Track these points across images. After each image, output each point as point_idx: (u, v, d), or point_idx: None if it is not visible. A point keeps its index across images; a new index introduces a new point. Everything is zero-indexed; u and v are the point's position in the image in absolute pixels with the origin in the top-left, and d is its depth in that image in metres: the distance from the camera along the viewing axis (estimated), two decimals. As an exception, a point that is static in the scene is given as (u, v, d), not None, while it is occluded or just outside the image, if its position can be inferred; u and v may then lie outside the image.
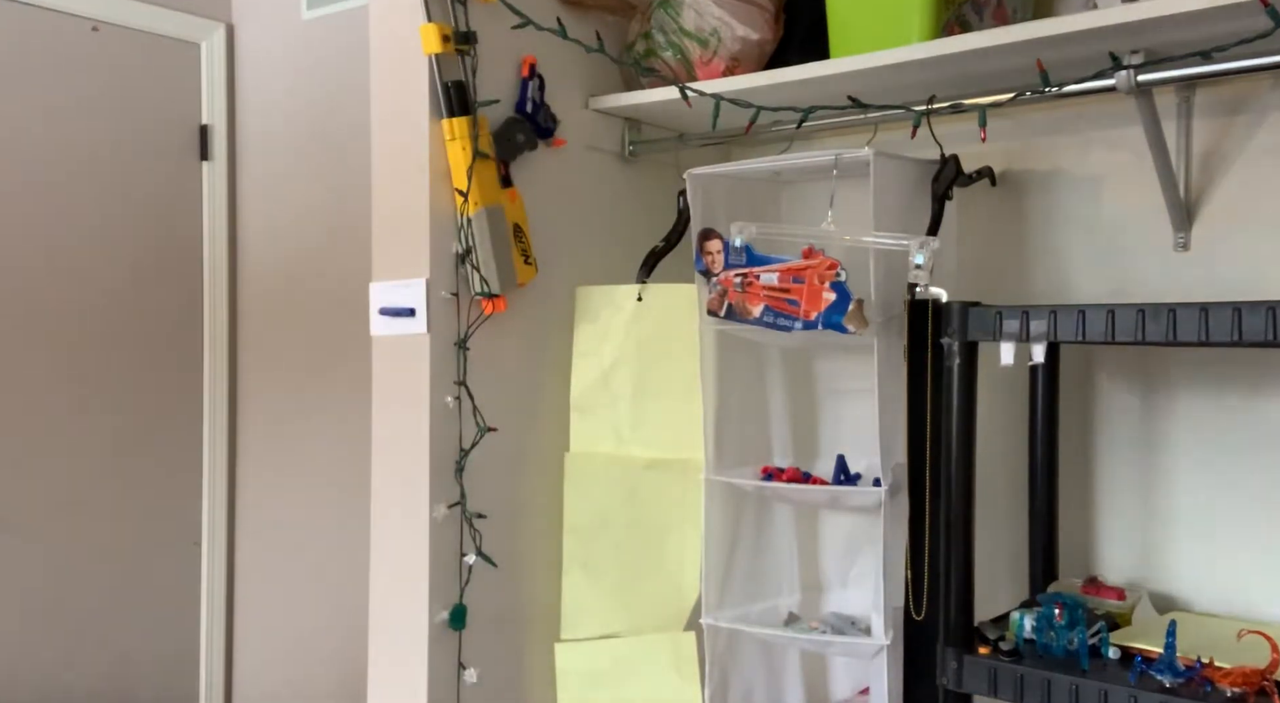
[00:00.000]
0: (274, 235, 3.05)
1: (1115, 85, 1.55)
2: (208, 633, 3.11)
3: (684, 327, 1.92)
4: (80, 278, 2.87)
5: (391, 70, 1.86)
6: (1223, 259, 1.73)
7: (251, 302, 3.11)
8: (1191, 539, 1.76)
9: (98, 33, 2.90)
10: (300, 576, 2.97)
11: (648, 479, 1.96)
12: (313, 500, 2.95)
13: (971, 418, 1.56)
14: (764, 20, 1.95)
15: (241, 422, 3.15)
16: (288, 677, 3.01)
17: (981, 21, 1.76)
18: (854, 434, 2.10)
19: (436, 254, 1.81)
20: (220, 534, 3.12)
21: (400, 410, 1.85)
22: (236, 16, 3.13)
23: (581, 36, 1.95)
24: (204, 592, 3.12)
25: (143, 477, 2.99)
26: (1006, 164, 1.95)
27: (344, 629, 2.85)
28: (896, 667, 1.75)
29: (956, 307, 1.55)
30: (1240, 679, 1.35)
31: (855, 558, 2.10)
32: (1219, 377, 1.74)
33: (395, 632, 1.85)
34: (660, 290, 1.97)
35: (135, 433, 2.98)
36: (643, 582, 1.97)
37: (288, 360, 3.02)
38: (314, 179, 2.94)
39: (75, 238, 2.85)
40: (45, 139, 2.80)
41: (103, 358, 2.91)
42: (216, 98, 3.10)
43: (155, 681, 3.02)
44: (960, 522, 1.55)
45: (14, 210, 2.74)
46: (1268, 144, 1.70)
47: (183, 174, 3.07)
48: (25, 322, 2.76)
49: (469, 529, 1.86)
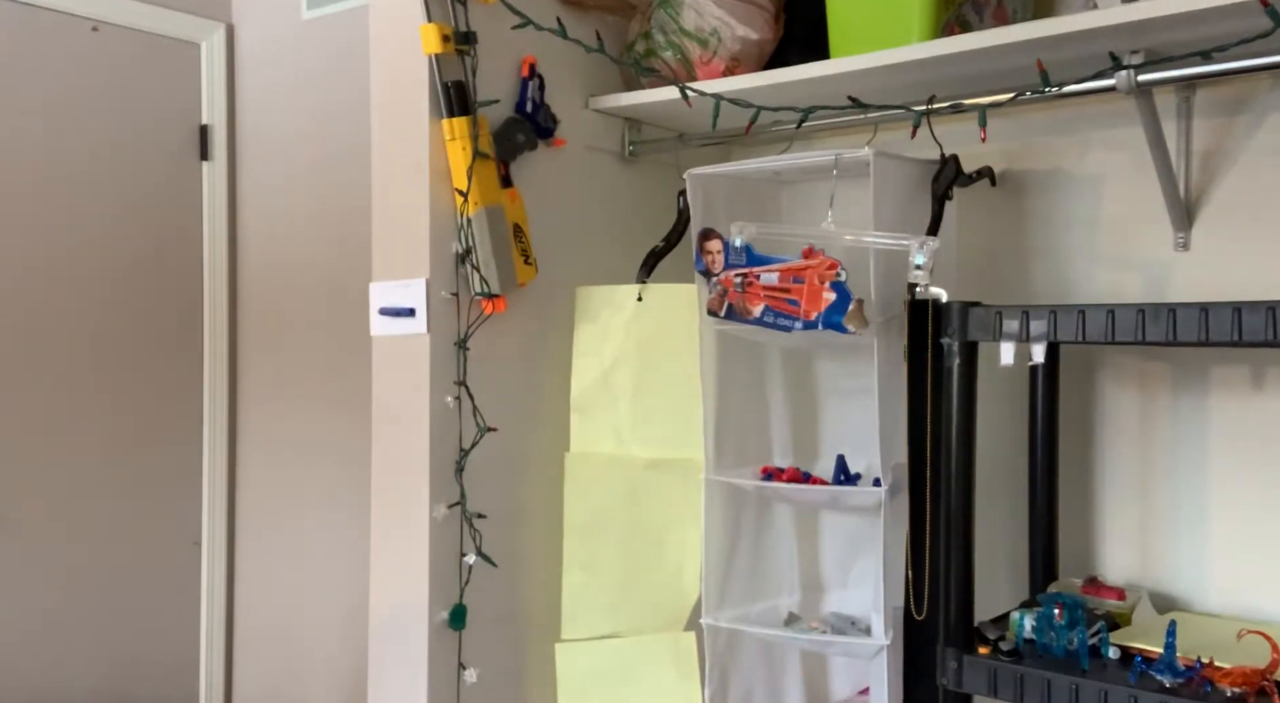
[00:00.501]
0: (274, 235, 3.05)
1: (1115, 85, 1.55)
2: (208, 633, 3.11)
3: (684, 327, 1.92)
4: (80, 278, 2.87)
5: (391, 70, 1.86)
6: (1223, 259, 1.73)
7: (251, 302, 3.11)
8: (1191, 539, 1.76)
9: (98, 33, 2.90)
10: (300, 576, 2.97)
11: (648, 479, 1.96)
12: (313, 501, 2.95)
13: (971, 418, 1.56)
14: (764, 20, 1.95)
15: (242, 422, 3.15)
16: (288, 677, 3.01)
17: (981, 21, 1.76)
18: (854, 434, 2.10)
19: (436, 254, 1.81)
20: (220, 534, 3.12)
21: (400, 410, 1.85)
22: (236, 16, 3.13)
23: (581, 36, 1.95)
24: (204, 592, 3.11)
25: (143, 477, 2.99)
26: (1006, 164, 1.95)
27: (344, 630, 2.85)
28: (896, 667, 1.75)
29: (956, 307, 1.55)
30: (1240, 679, 1.35)
31: (855, 558, 2.10)
32: (1219, 377, 1.74)
33: (395, 632, 1.85)
34: (660, 290, 1.97)
35: (135, 433, 2.98)
36: (643, 582, 1.97)
37: (288, 360, 3.02)
38: (314, 179, 2.94)
39: (75, 238, 2.85)
40: (45, 139, 2.80)
41: (102, 358, 2.91)
42: (216, 98, 3.10)
43: (155, 681, 3.02)
44: (960, 522, 1.55)
45: (14, 210, 2.74)
46: (1268, 144, 1.70)
47: (183, 174, 3.07)
48: (25, 321, 2.76)
49: (469, 529, 1.86)
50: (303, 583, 2.97)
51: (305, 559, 2.96)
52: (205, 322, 3.11)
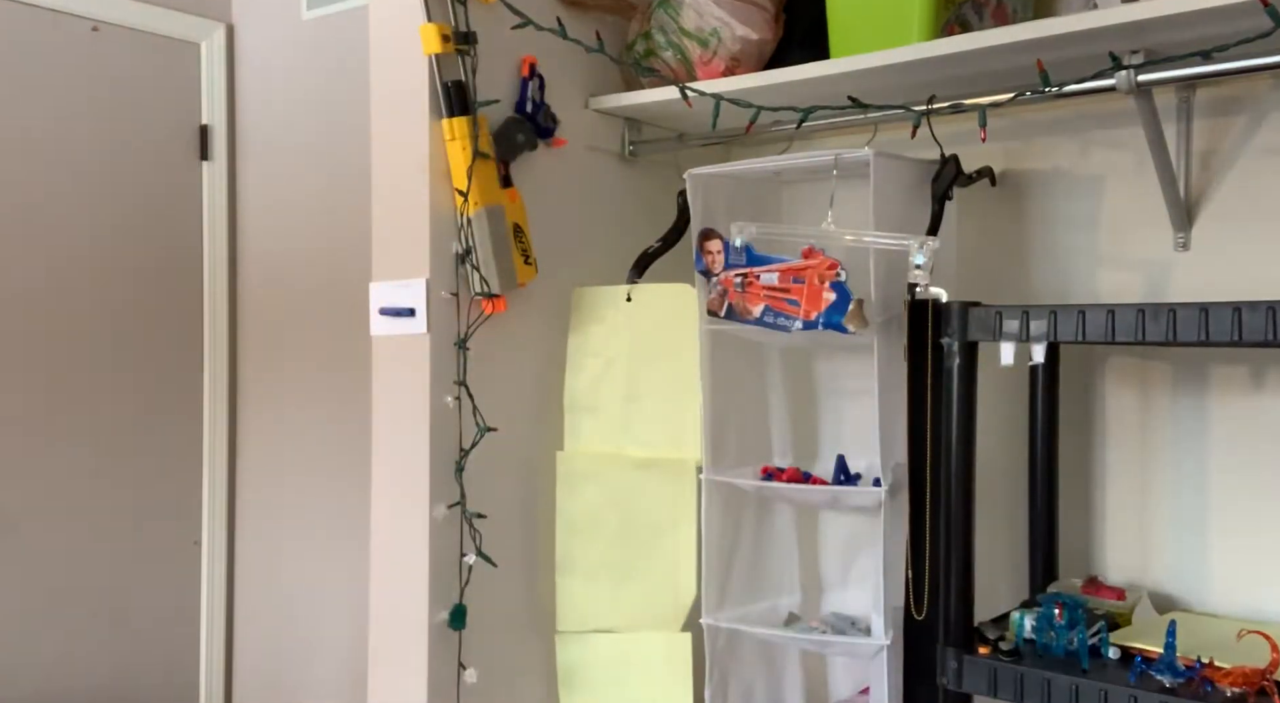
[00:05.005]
0: (274, 235, 3.05)
1: (1115, 85, 1.55)
2: (208, 633, 3.11)
3: (676, 326, 1.92)
4: (80, 278, 2.86)
5: (391, 70, 1.86)
6: (1223, 259, 1.73)
7: (251, 302, 3.11)
8: (1191, 539, 1.76)
9: (98, 33, 2.90)
10: (300, 575, 2.97)
11: (640, 479, 1.95)
12: (313, 501, 2.94)
13: (971, 418, 1.56)
14: (764, 20, 1.95)
15: (242, 421, 3.15)
16: (288, 677, 3.01)
17: (981, 21, 1.76)
18: (854, 434, 2.10)
19: (436, 254, 1.82)
20: (220, 534, 3.12)
21: (400, 410, 1.85)
22: (236, 16, 3.13)
23: (581, 36, 1.95)
24: (204, 592, 3.11)
25: (143, 477, 2.99)
26: (1006, 164, 1.95)
27: (344, 629, 2.85)
28: (896, 667, 1.75)
29: (956, 307, 1.55)
30: (1240, 679, 1.35)
31: (855, 558, 2.11)
32: (1219, 377, 1.74)
33: (395, 632, 1.85)
34: (653, 290, 1.97)
35: (135, 432, 2.98)
36: (637, 581, 1.97)
37: (288, 360, 3.02)
38: (314, 179, 2.94)
39: (75, 238, 2.85)
40: (45, 139, 2.80)
41: (102, 357, 2.91)
42: (216, 98, 3.10)
43: (155, 680, 3.01)
44: (960, 522, 1.55)
45: (14, 210, 2.74)
46: (1268, 144, 1.70)
47: (183, 174, 3.07)
48: (25, 321, 2.76)
49: (469, 529, 1.86)
50: (303, 583, 2.97)
51: (305, 559, 2.96)
52: (205, 321, 3.11)
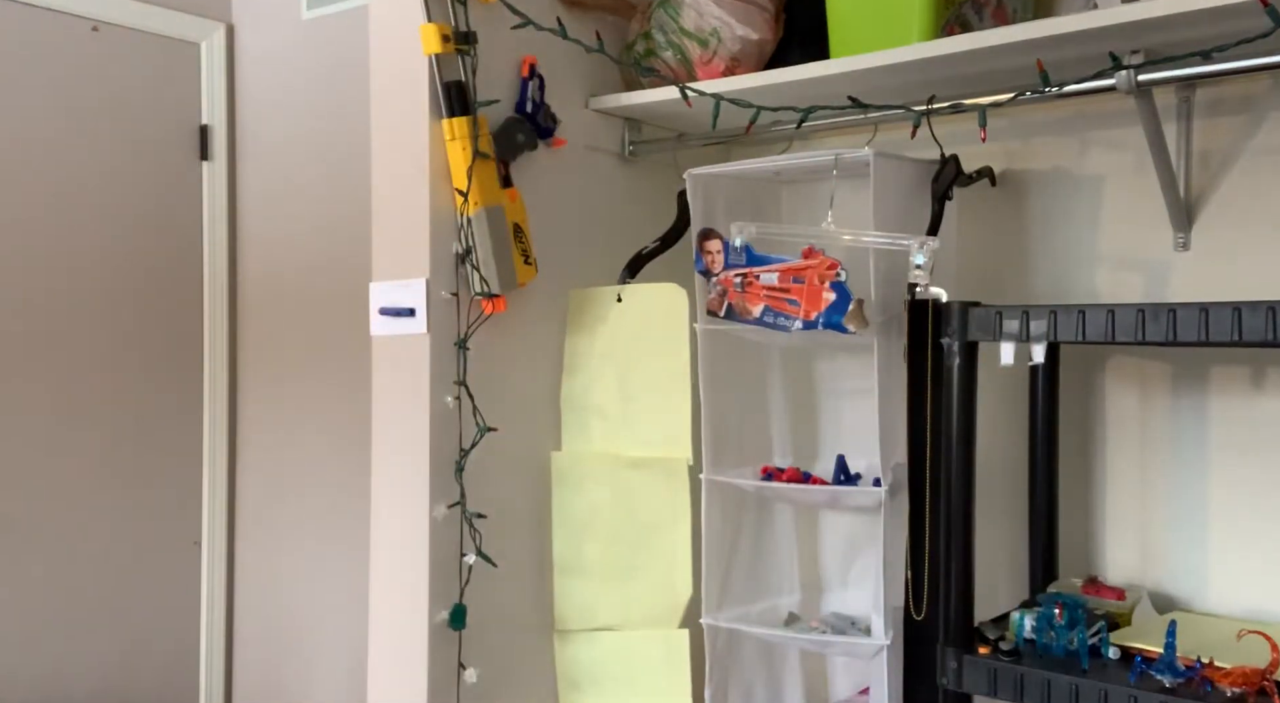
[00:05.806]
0: (274, 235, 3.05)
1: (1115, 85, 1.55)
2: (208, 633, 3.11)
3: (669, 326, 1.91)
4: (80, 278, 2.86)
5: (391, 70, 1.86)
6: (1223, 259, 1.73)
7: (251, 302, 3.11)
8: (1191, 539, 1.76)
9: (98, 33, 2.90)
10: (300, 576, 2.97)
11: (634, 478, 1.95)
12: (313, 501, 2.95)
13: (971, 418, 1.56)
14: (764, 20, 1.95)
15: (241, 422, 3.15)
16: (288, 676, 3.01)
17: (981, 21, 1.76)
18: (854, 434, 2.10)
19: (436, 254, 1.81)
20: (220, 534, 3.12)
21: (400, 410, 1.85)
22: (236, 16, 3.13)
23: (581, 36, 1.95)
24: (204, 592, 3.11)
25: (143, 477, 2.99)
26: (1006, 164, 1.95)
27: (344, 629, 2.85)
28: (896, 667, 1.75)
29: (956, 307, 1.55)
30: (1240, 679, 1.35)
31: (855, 558, 2.11)
32: (1219, 377, 1.74)
33: (395, 632, 1.85)
34: (643, 290, 1.96)
35: (135, 433, 2.98)
36: (634, 580, 1.96)
37: (288, 360, 3.02)
38: (314, 179, 2.94)
39: (75, 238, 2.85)
40: (45, 139, 2.80)
41: (102, 357, 2.91)
42: (216, 98, 3.10)
43: (155, 681, 3.02)
44: (960, 522, 1.55)
45: (13, 210, 2.74)
46: (1268, 144, 1.70)
47: (183, 174, 3.07)
48: (24, 322, 2.76)
49: (469, 529, 1.86)
50: (303, 583, 2.97)
51: (305, 559, 2.96)
52: (205, 322, 3.11)
